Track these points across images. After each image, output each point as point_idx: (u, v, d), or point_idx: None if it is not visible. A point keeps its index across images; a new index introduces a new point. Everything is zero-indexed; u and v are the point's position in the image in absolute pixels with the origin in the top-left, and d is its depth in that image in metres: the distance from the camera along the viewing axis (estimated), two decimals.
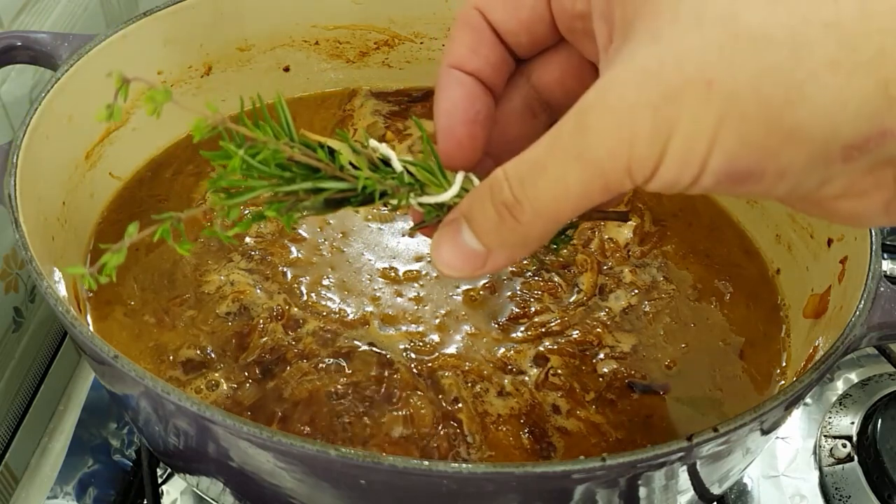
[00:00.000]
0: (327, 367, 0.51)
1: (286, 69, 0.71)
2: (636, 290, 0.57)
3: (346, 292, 0.56)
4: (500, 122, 0.35)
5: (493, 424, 0.49)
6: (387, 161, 0.33)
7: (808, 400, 0.67)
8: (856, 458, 0.62)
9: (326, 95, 0.73)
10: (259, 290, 0.55)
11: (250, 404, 0.49)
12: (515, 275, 0.57)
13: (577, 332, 0.54)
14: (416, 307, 0.55)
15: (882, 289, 0.45)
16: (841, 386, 0.68)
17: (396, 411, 0.49)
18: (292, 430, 0.48)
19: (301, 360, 0.51)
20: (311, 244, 0.59)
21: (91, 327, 0.53)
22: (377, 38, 0.71)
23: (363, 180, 0.32)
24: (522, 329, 0.54)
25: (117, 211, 0.61)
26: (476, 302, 0.55)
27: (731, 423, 0.38)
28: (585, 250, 0.59)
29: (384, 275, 0.57)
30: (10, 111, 0.63)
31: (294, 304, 0.55)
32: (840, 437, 0.64)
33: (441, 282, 0.57)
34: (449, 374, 0.51)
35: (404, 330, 0.53)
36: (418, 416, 0.48)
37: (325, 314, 0.54)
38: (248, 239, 0.59)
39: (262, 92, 0.70)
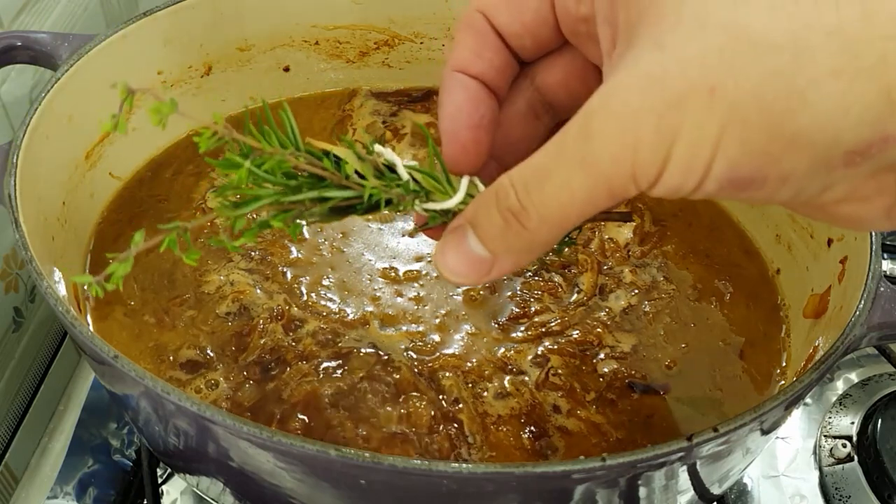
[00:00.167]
0: (327, 367, 0.51)
1: (286, 69, 0.71)
2: (636, 290, 0.57)
3: (346, 292, 0.56)
4: (503, 124, 0.35)
5: (493, 425, 0.49)
6: (392, 167, 0.33)
7: (808, 400, 0.67)
8: (856, 458, 0.62)
9: (326, 95, 0.73)
10: (259, 291, 0.55)
11: (250, 405, 0.49)
12: (515, 275, 0.57)
13: (578, 332, 0.54)
14: (416, 307, 0.55)
15: (882, 289, 0.45)
16: (841, 386, 0.68)
17: (397, 411, 0.49)
18: (291, 431, 0.48)
19: (301, 360, 0.51)
20: (311, 244, 0.59)
21: (91, 327, 0.53)
22: (377, 38, 0.71)
23: (370, 189, 0.32)
24: (522, 329, 0.54)
25: (117, 211, 0.61)
26: (476, 302, 0.55)
27: (731, 423, 0.38)
28: (585, 250, 0.59)
29: (384, 275, 0.57)
30: (10, 111, 0.63)
31: (294, 304, 0.55)
32: (840, 437, 0.64)
33: (441, 282, 0.57)
34: (449, 375, 0.51)
35: (404, 330, 0.53)
36: (418, 417, 0.48)
37: (325, 314, 0.54)
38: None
39: (262, 92, 0.71)
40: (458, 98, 0.33)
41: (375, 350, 0.52)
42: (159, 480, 0.61)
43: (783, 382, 0.53)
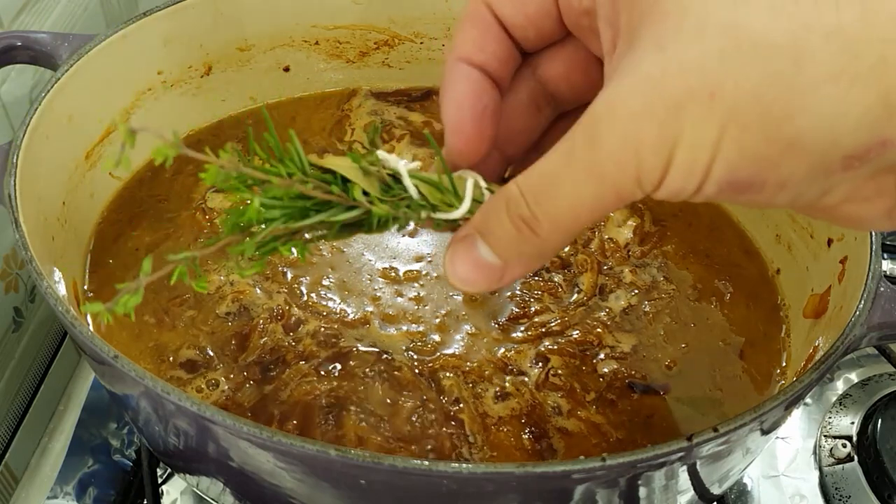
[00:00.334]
0: (327, 368, 0.51)
1: (286, 69, 0.71)
2: (636, 290, 0.57)
3: (346, 292, 0.56)
4: (506, 114, 0.35)
5: (493, 425, 0.49)
6: (396, 175, 0.33)
7: (808, 400, 0.67)
8: (856, 458, 0.62)
9: (326, 95, 0.73)
10: (259, 290, 0.55)
11: (250, 406, 0.49)
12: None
13: (578, 332, 0.54)
14: (416, 307, 0.55)
15: (882, 289, 0.45)
16: (841, 386, 0.68)
17: (397, 411, 0.49)
18: (291, 431, 0.48)
19: (301, 360, 0.51)
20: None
21: (91, 327, 0.53)
22: (377, 38, 0.71)
23: (378, 214, 0.32)
24: (522, 329, 0.54)
25: (117, 211, 0.61)
26: (476, 302, 0.55)
27: (731, 423, 0.38)
28: (585, 250, 0.59)
29: (384, 275, 0.57)
30: (10, 111, 0.63)
31: (294, 304, 0.54)
32: (840, 437, 0.64)
33: (441, 282, 0.57)
34: (450, 375, 0.51)
35: (405, 330, 0.53)
36: (419, 417, 0.48)
37: (325, 314, 0.54)
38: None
39: (262, 92, 0.71)
40: (461, 88, 0.33)
41: (376, 350, 0.52)
42: (159, 480, 0.61)
43: (783, 382, 0.53)
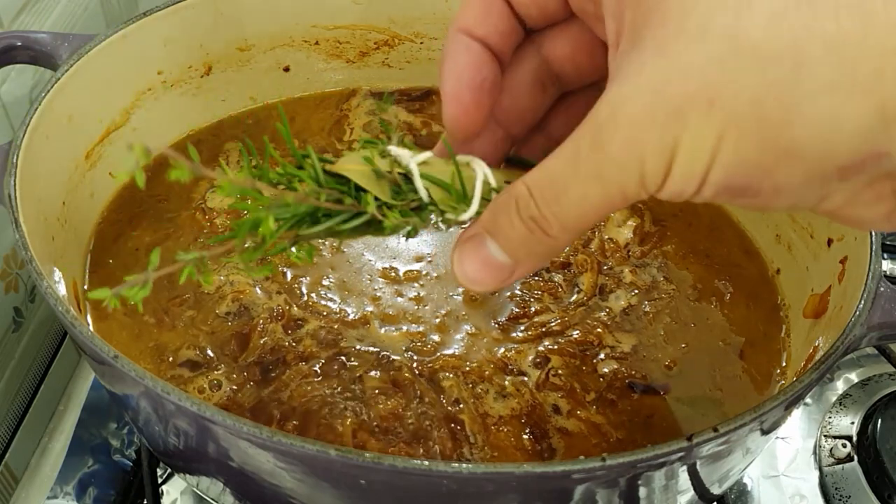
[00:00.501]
0: (327, 368, 0.51)
1: (286, 69, 0.71)
2: (636, 290, 0.57)
3: (346, 292, 0.56)
4: (511, 93, 0.35)
5: (494, 426, 0.49)
6: (408, 174, 0.33)
7: (808, 400, 0.67)
8: (856, 458, 0.62)
9: (326, 95, 0.73)
10: (259, 290, 0.55)
11: (250, 406, 0.49)
12: (510, 284, 0.57)
13: (578, 332, 0.54)
14: (416, 307, 0.55)
15: (882, 289, 0.45)
16: (841, 386, 0.68)
17: (398, 412, 0.49)
18: (291, 432, 0.48)
19: (301, 361, 0.51)
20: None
21: (91, 327, 0.53)
22: (377, 38, 0.71)
23: (389, 226, 0.32)
24: (522, 329, 0.54)
25: (117, 211, 0.61)
26: (476, 302, 0.55)
27: (731, 423, 0.38)
28: (585, 250, 0.59)
29: (384, 275, 0.57)
30: (10, 111, 0.63)
31: (294, 304, 0.54)
32: (840, 437, 0.64)
33: (441, 282, 0.57)
34: (450, 376, 0.51)
35: (405, 330, 0.53)
36: (419, 417, 0.48)
37: (325, 314, 0.54)
38: (249, 241, 0.59)
39: (262, 92, 0.71)
40: (461, 59, 0.33)
41: (376, 350, 0.52)
42: (159, 480, 0.61)
43: (783, 382, 0.53)
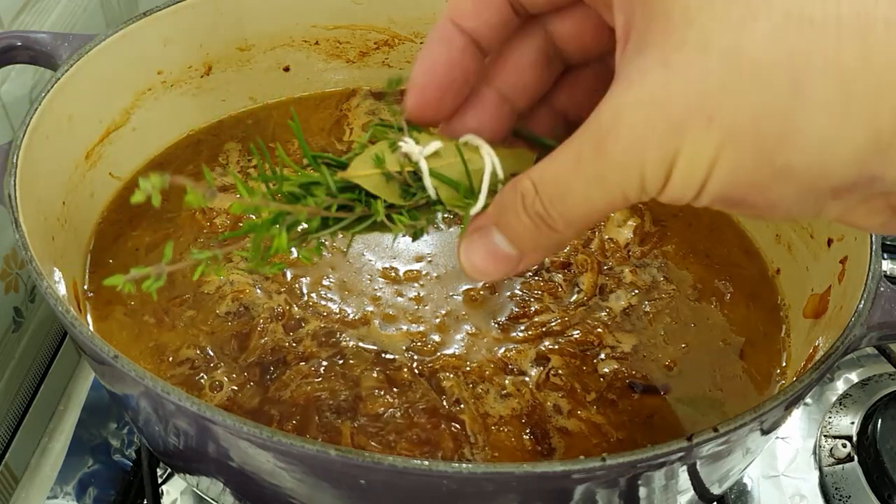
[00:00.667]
0: (327, 368, 0.51)
1: (286, 69, 0.71)
2: (636, 291, 0.57)
3: (346, 292, 0.56)
4: (516, 67, 0.36)
5: (494, 426, 0.49)
6: (417, 171, 0.33)
7: (808, 400, 0.67)
8: (856, 458, 0.62)
9: (326, 95, 0.73)
10: (259, 290, 0.55)
11: (250, 406, 0.49)
12: (516, 275, 0.57)
13: (578, 332, 0.54)
14: (416, 307, 0.55)
15: (882, 289, 0.45)
16: (841, 386, 0.68)
17: (398, 411, 0.49)
18: (291, 432, 0.48)
19: (301, 361, 0.51)
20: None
21: (91, 327, 0.53)
22: (377, 38, 0.71)
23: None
24: (522, 329, 0.54)
25: (117, 211, 0.61)
26: (476, 302, 0.55)
27: (731, 423, 0.38)
28: (585, 250, 0.59)
29: (384, 275, 0.57)
30: (10, 111, 0.62)
31: (294, 303, 0.54)
32: (840, 437, 0.64)
33: (441, 282, 0.57)
34: (451, 376, 0.51)
35: (405, 330, 0.53)
36: (420, 417, 0.48)
37: (325, 314, 0.54)
38: (248, 241, 0.59)
39: (262, 92, 0.71)
40: (437, 55, 0.33)
41: (376, 350, 0.52)
42: (159, 480, 0.61)
43: (783, 382, 0.53)
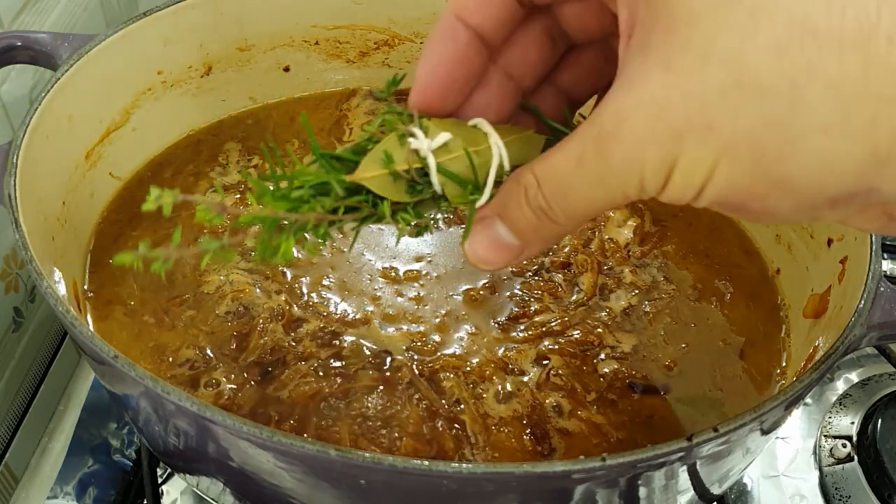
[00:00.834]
0: (327, 368, 0.51)
1: (286, 69, 0.71)
2: (636, 291, 0.57)
3: (346, 292, 0.56)
4: (521, 45, 0.36)
5: (494, 426, 0.49)
6: (424, 167, 0.33)
7: (808, 400, 0.67)
8: (856, 458, 0.62)
9: (326, 95, 0.73)
10: (259, 290, 0.55)
11: (249, 406, 0.49)
12: (515, 275, 0.57)
13: (578, 332, 0.54)
14: (416, 307, 0.55)
15: (882, 289, 0.45)
16: (841, 386, 0.68)
17: (398, 412, 0.48)
18: (290, 432, 0.48)
19: (300, 361, 0.51)
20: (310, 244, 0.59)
21: (91, 327, 0.53)
22: (377, 38, 0.71)
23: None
24: (522, 329, 0.54)
25: (117, 211, 0.61)
26: (476, 302, 0.55)
27: (731, 423, 0.38)
28: (585, 250, 0.59)
29: (384, 274, 0.57)
30: (10, 111, 0.62)
31: (294, 303, 0.54)
32: (840, 437, 0.64)
33: (441, 281, 0.57)
34: (451, 377, 0.50)
35: (405, 329, 0.53)
36: (419, 418, 0.48)
37: (325, 314, 0.54)
38: (248, 241, 0.59)
39: (262, 92, 0.71)
40: (442, 53, 0.34)
41: (376, 350, 0.52)
42: (159, 480, 0.61)
43: (783, 382, 0.53)
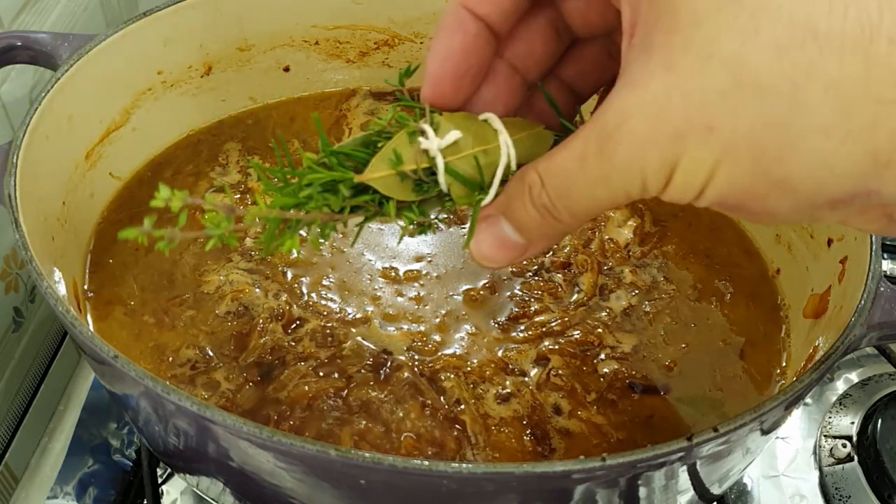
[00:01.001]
0: (327, 368, 0.51)
1: (286, 69, 0.71)
2: (636, 291, 0.57)
3: (346, 292, 0.56)
4: (526, 39, 0.36)
5: (495, 426, 0.49)
6: (432, 166, 0.33)
7: (808, 400, 0.67)
8: (856, 458, 0.62)
9: (326, 95, 0.73)
10: (259, 290, 0.55)
11: (249, 406, 0.49)
12: (515, 275, 0.57)
13: (578, 332, 0.54)
14: (416, 307, 0.55)
15: (882, 289, 0.45)
16: (841, 386, 0.68)
17: (398, 412, 0.48)
18: (289, 432, 0.48)
19: (300, 361, 0.51)
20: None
21: (91, 327, 0.53)
22: (377, 38, 0.71)
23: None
24: (522, 329, 0.54)
25: (117, 211, 0.61)
26: (476, 302, 0.55)
27: (731, 423, 0.38)
28: (585, 250, 0.59)
29: (384, 274, 0.57)
30: (10, 111, 0.62)
31: (294, 303, 0.54)
32: (840, 437, 0.64)
33: (441, 281, 0.57)
34: (451, 377, 0.50)
35: (405, 329, 0.53)
36: (420, 418, 0.48)
37: (325, 314, 0.54)
38: (248, 240, 0.59)
39: (262, 92, 0.71)
40: (452, 43, 0.34)
41: (376, 350, 0.52)
42: (159, 480, 0.61)
43: (783, 382, 0.53)
